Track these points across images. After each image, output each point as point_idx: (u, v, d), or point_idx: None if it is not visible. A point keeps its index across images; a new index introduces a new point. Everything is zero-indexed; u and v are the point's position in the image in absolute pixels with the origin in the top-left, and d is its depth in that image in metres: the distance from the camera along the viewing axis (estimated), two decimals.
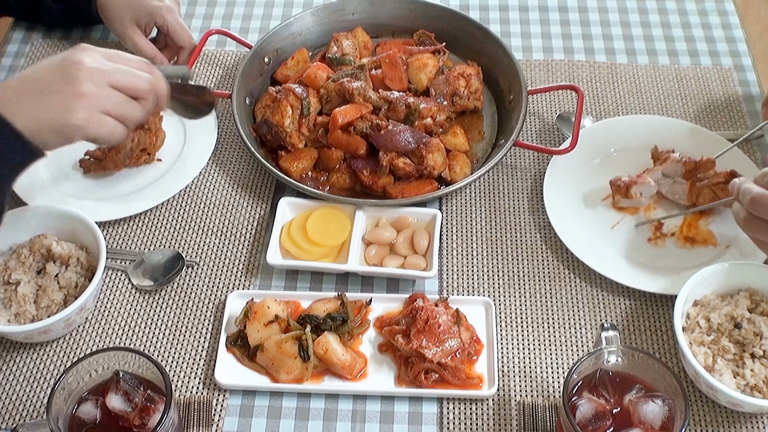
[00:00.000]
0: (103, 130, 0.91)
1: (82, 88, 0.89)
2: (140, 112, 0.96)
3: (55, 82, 0.89)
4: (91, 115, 0.89)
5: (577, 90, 1.26)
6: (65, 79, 0.89)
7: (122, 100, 0.93)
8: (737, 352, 0.98)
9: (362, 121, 1.20)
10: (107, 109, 0.91)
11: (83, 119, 0.89)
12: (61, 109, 0.88)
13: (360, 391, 1.02)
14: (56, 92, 0.88)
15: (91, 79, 0.90)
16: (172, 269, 1.14)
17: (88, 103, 0.89)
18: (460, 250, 1.17)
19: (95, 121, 0.90)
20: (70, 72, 0.89)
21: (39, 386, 1.03)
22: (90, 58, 0.91)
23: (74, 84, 0.89)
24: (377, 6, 1.42)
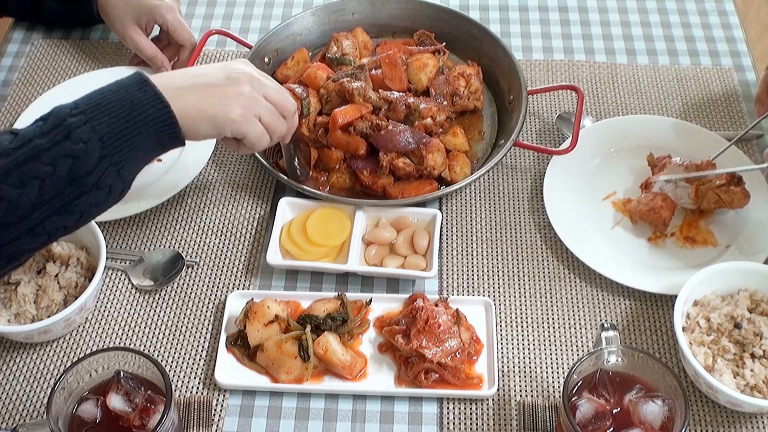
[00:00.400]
0: (254, 132, 0.97)
1: (243, 89, 0.95)
2: (284, 128, 1.02)
3: (218, 78, 0.94)
4: (247, 114, 0.95)
5: (577, 90, 1.26)
6: (228, 78, 0.94)
7: (273, 111, 0.99)
8: (737, 352, 0.98)
9: (362, 121, 1.20)
10: (260, 115, 0.97)
11: (239, 115, 0.94)
12: (221, 101, 0.93)
13: (360, 391, 1.02)
14: (218, 87, 0.93)
15: (250, 84, 0.96)
16: (172, 269, 1.14)
17: (246, 103, 0.95)
18: (460, 250, 1.17)
19: (249, 120, 0.95)
20: (233, 74, 0.95)
21: (39, 386, 1.03)
22: (251, 69, 0.98)
23: (236, 84, 0.94)
24: (377, 6, 1.43)
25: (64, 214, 0.83)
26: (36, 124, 0.82)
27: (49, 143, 0.80)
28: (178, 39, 1.35)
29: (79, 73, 1.41)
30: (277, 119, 0.99)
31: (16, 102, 1.37)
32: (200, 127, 0.91)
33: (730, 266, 1.05)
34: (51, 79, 1.41)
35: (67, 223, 0.84)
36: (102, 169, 0.82)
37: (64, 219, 0.83)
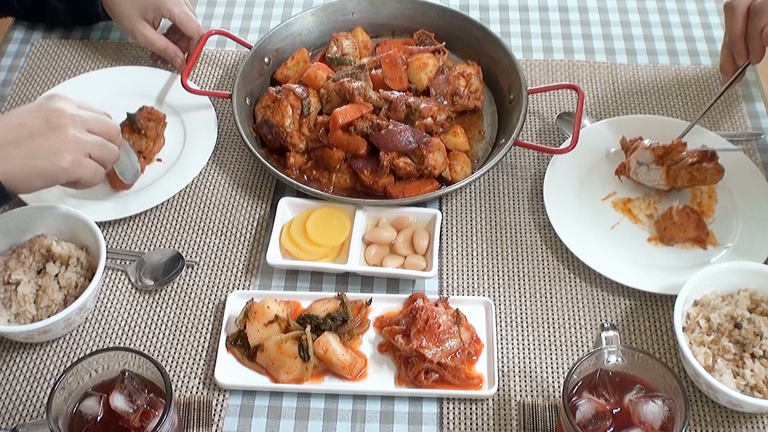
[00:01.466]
0: (87, 172, 0.99)
1: (68, 134, 0.95)
2: (115, 153, 1.04)
3: (39, 128, 0.95)
4: (78, 159, 0.96)
5: (577, 89, 1.26)
6: (49, 125, 0.95)
7: (101, 143, 1.00)
8: (737, 352, 0.98)
9: (363, 120, 1.20)
10: (90, 152, 0.98)
11: (70, 162, 0.95)
12: (48, 153, 0.94)
13: (360, 391, 1.02)
14: (42, 137, 0.94)
15: (73, 125, 0.96)
16: (172, 269, 1.14)
17: (74, 148, 0.96)
18: (460, 250, 1.17)
19: (81, 164, 0.97)
20: (52, 119, 0.95)
21: (39, 386, 1.03)
22: (68, 106, 0.98)
23: (59, 130, 0.95)
24: (377, 6, 1.42)
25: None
26: None
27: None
28: (185, 31, 1.35)
29: (79, 73, 1.41)
30: (106, 149, 1.02)
31: (16, 102, 1.37)
32: (33, 182, 0.94)
33: (730, 266, 1.05)
34: (51, 79, 1.41)
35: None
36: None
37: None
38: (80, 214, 1.08)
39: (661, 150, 1.16)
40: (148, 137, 1.22)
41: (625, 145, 1.21)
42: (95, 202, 1.19)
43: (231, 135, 1.32)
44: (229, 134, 1.32)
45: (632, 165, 1.18)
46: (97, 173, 1.01)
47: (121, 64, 1.43)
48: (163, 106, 1.31)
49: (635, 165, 1.18)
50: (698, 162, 1.15)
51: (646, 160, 1.17)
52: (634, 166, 1.18)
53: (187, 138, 1.29)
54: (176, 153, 1.27)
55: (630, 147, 1.20)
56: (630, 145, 1.21)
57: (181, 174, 1.24)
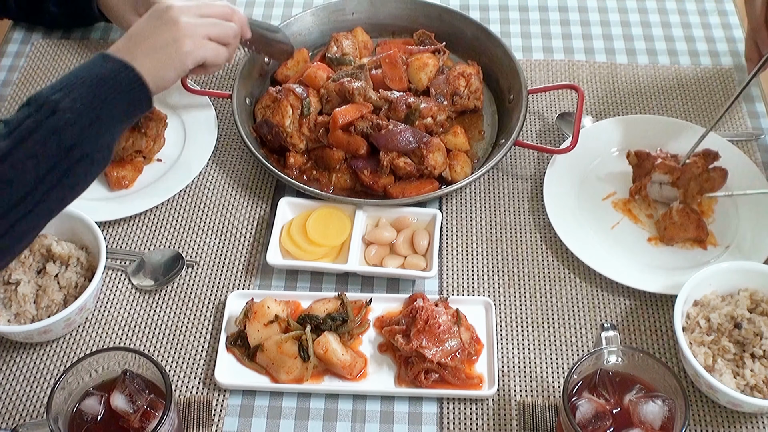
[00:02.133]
0: (210, 52, 1.04)
1: (181, 22, 1.01)
2: (235, 29, 1.09)
3: (155, 27, 1.00)
4: (196, 41, 1.02)
5: (577, 89, 1.26)
6: (164, 22, 1.01)
7: (215, 23, 1.06)
8: (737, 352, 0.98)
9: (363, 120, 1.20)
10: (207, 33, 1.03)
11: (191, 45, 1.01)
12: (170, 43, 0.99)
13: (360, 391, 1.02)
14: (159, 34, 1.00)
15: (184, 14, 1.02)
16: (172, 269, 1.14)
17: (190, 32, 1.01)
18: (460, 250, 1.17)
19: (201, 45, 1.02)
20: (164, 16, 1.01)
21: (39, 386, 1.03)
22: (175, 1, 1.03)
23: (171, 23, 1.01)
24: (377, 6, 1.42)
25: (60, 187, 0.88)
26: (22, 110, 0.88)
27: (36, 122, 0.85)
28: None
29: None
30: (222, 27, 1.06)
31: (16, 102, 1.37)
32: (166, 73, 0.98)
33: (730, 266, 1.05)
34: (51, 79, 1.41)
35: (64, 195, 0.89)
36: (87, 137, 0.88)
37: (61, 192, 0.88)
38: (80, 214, 1.08)
39: (678, 173, 1.15)
40: (148, 136, 1.22)
41: (632, 160, 1.20)
42: (95, 202, 1.19)
43: (231, 135, 1.32)
44: (229, 134, 1.32)
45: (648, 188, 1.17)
46: (220, 51, 1.05)
47: None
48: (163, 106, 1.31)
49: (648, 185, 1.17)
50: (704, 172, 1.14)
51: (659, 179, 1.17)
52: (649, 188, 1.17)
53: (187, 138, 1.29)
54: (176, 153, 1.27)
55: (637, 162, 1.19)
56: (637, 159, 1.19)
57: (181, 174, 1.24)
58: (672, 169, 1.15)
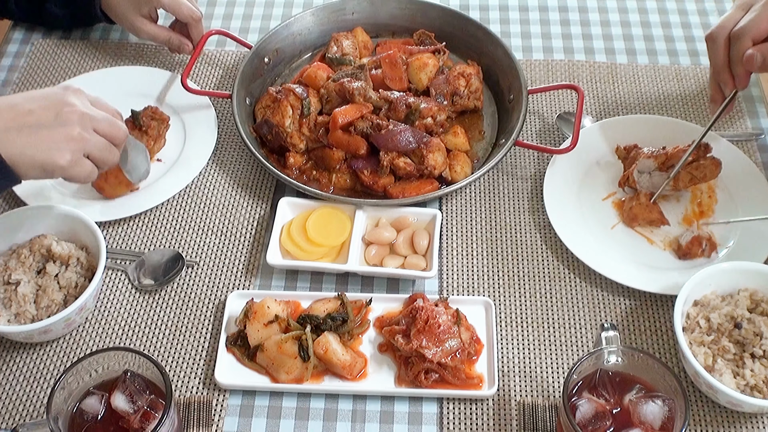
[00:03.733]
0: (83, 172, 0.99)
1: (74, 132, 0.95)
2: (115, 157, 1.04)
3: (48, 119, 0.95)
4: (76, 158, 0.96)
5: (577, 89, 1.26)
6: (58, 119, 0.95)
7: (104, 146, 1.00)
8: (737, 352, 0.98)
9: (363, 120, 1.20)
10: (90, 153, 0.98)
11: (68, 161, 0.95)
12: (49, 148, 0.94)
13: (360, 391, 1.02)
14: (48, 129, 0.94)
15: (81, 123, 0.96)
16: (172, 269, 1.14)
17: (76, 147, 0.96)
18: (460, 250, 1.17)
19: (78, 163, 0.97)
20: (62, 113, 0.95)
21: (39, 386, 1.03)
22: (80, 103, 0.98)
23: (65, 125, 0.95)
24: (377, 6, 1.43)
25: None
26: None
27: None
28: (178, 17, 1.35)
29: (79, 73, 1.41)
30: (107, 152, 1.01)
31: None
32: (28, 171, 0.94)
33: (730, 266, 1.05)
34: (51, 79, 1.41)
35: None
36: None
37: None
38: (80, 214, 1.08)
39: (663, 157, 1.16)
40: (149, 136, 1.22)
41: (621, 153, 1.21)
42: (95, 202, 1.19)
43: (231, 135, 1.32)
44: (229, 134, 1.32)
45: (635, 176, 1.18)
46: (92, 174, 1.01)
47: (121, 64, 1.43)
48: (164, 106, 1.31)
49: (637, 175, 1.18)
50: (695, 160, 1.15)
51: (647, 168, 1.17)
52: (636, 176, 1.18)
53: (187, 138, 1.29)
54: (176, 153, 1.27)
55: (625, 155, 1.20)
56: (625, 153, 1.20)
57: (181, 174, 1.24)
58: (656, 154, 1.16)
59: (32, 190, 1.19)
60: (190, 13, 1.34)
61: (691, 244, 1.12)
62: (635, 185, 1.19)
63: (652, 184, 1.18)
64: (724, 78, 1.15)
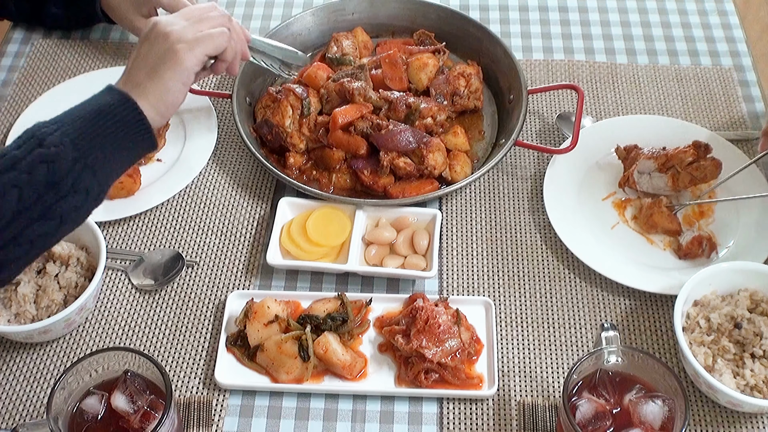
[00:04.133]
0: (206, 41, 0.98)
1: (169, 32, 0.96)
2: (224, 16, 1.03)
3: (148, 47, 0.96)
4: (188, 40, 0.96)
5: (577, 89, 1.26)
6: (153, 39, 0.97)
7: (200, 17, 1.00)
8: (737, 352, 0.98)
9: (363, 121, 1.20)
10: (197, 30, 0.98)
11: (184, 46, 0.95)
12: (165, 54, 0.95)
13: (360, 391, 1.02)
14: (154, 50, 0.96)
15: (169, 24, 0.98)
16: (172, 269, 1.14)
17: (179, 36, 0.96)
18: (460, 250, 1.17)
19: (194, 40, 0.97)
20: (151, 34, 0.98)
21: (39, 386, 1.03)
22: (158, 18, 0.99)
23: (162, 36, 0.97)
24: (377, 6, 1.43)
25: (45, 220, 0.83)
26: (13, 141, 0.85)
27: (24, 152, 0.82)
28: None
29: (79, 73, 1.41)
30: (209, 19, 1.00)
31: (16, 102, 1.37)
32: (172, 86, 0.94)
33: (730, 266, 1.05)
34: (51, 79, 1.41)
35: (48, 229, 0.85)
36: (77, 172, 0.84)
37: (45, 225, 0.84)
38: None
39: (664, 158, 1.16)
40: None
41: (621, 153, 1.21)
42: None
43: (231, 135, 1.32)
44: (229, 134, 1.32)
45: (635, 177, 1.18)
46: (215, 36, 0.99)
47: (121, 64, 1.43)
48: None
49: (637, 176, 1.18)
50: (695, 161, 1.15)
51: (647, 168, 1.17)
52: (636, 177, 1.18)
53: (187, 138, 1.29)
54: (176, 153, 1.27)
55: (626, 156, 1.20)
56: (625, 153, 1.20)
57: (181, 174, 1.24)
58: (657, 155, 1.15)
59: None
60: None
61: (692, 244, 1.12)
62: (635, 186, 1.19)
63: (652, 186, 1.18)
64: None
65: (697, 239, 1.12)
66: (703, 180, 1.16)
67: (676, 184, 1.16)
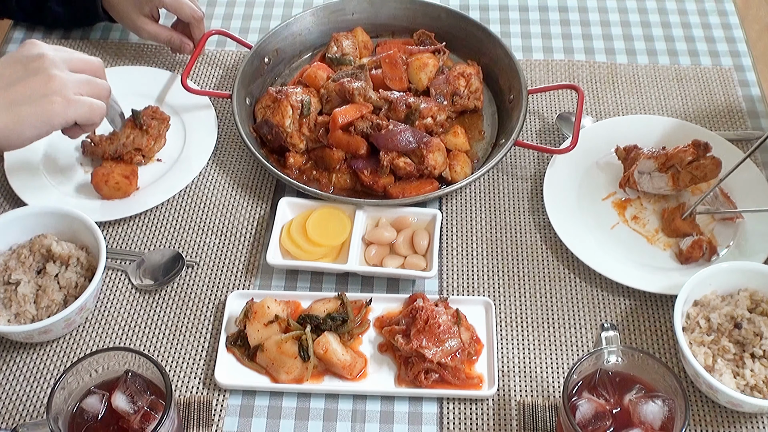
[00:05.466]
0: (83, 109, 0.92)
1: (50, 74, 0.89)
2: (106, 88, 0.97)
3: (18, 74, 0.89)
4: (68, 97, 0.90)
5: (577, 89, 1.26)
6: (29, 70, 0.90)
7: (88, 80, 0.94)
8: (737, 352, 0.98)
9: (363, 120, 1.20)
10: (79, 91, 0.92)
11: (61, 103, 0.89)
12: (35, 98, 0.88)
13: (360, 391, 1.02)
14: (23, 83, 0.88)
15: (54, 66, 0.91)
16: (172, 269, 1.14)
17: (60, 87, 0.90)
18: (460, 250, 1.17)
19: (72, 101, 0.91)
20: (32, 65, 0.90)
21: (39, 386, 1.03)
22: (44, 49, 0.92)
23: (40, 73, 0.89)
24: (377, 6, 1.43)
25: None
26: None
27: None
28: (180, 17, 1.35)
29: None
30: (95, 85, 0.95)
31: None
32: (24, 132, 0.88)
33: (730, 266, 1.05)
34: None
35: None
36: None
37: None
38: (80, 214, 1.08)
39: (664, 158, 1.16)
40: (150, 135, 1.22)
41: (621, 154, 1.21)
42: (95, 202, 1.19)
43: (231, 135, 1.32)
44: (229, 134, 1.32)
45: (636, 177, 1.18)
46: (94, 108, 0.94)
47: (121, 64, 1.43)
48: (164, 106, 1.31)
49: (638, 176, 1.18)
50: (695, 160, 1.15)
51: (647, 168, 1.17)
52: (637, 177, 1.18)
53: (187, 138, 1.29)
54: (176, 153, 1.27)
55: (626, 156, 1.20)
56: (625, 153, 1.20)
57: (181, 174, 1.24)
58: (657, 155, 1.16)
59: (32, 190, 1.19)
60: (192, 13, 1.34)
61: (692, 248, 1.12)
62: (636, 186, 1.19)
63: (653, 186, 1.18)
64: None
65: (697, 243, 1.12)
66: (703, 179, 1.16)
67: (676, 184, 1.16)
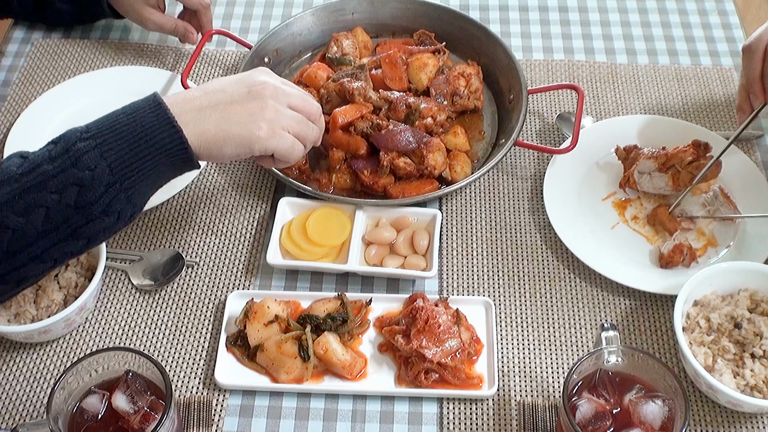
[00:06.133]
0: (284, 144, 0.94)
1: (267, 104, 0.92)
2: (315, 133, 1.00)
3: (239, 95, 0.92)
4: (273, 129, 0.92)
5: (577, 89, 1.26)
6: (250, 93, 0.92)
7: (301, 120, 0.96)
8: (737, 352, 0.98)
9: (363, 120, 1.20)
10: (287, 127, 0.94)
11: (265, 132, 0.91)
12: (246, 120, 0.90)
13: (360, 391, 1.02)
14: (240, 104, 0.91)
15: (273, 97, 0.93)
16: (172, 269, 1.14)
17: (271, 117, 0.92)
18: (460, 250, 1.17)
19: (276, 135, 0.93)
20: (254, 89, 0.93)
21: (39, 386, 1.03)
22: (272, 79, 0.95)
23: (258, 99, 0.92)
24: (377, 6, 1.43)
25: (71, 240, 0.82)
26: (47, 147, 0.82)
27: (57, 170, 0.79)
28: (188, 5, 1.35)
29: (79, 73, 1.41)
30: (305, 126, 0.97)
31: (16, 102, 1.37)
32: (225, 148, 0.90)
33: (730, 266, 1.05)
34: (51, 79, 1.41)
35: (74, 249, 0.83)
36: (110, 196, 0.81)
37: (71, 245, 0.82)
38: None
39: (664, 158, 1.16)
40: None
41: (621, 154, 1.21)
42: None
43: None
44: None
45: (636, 177, 1.18)
46: (295, 148, 0.96)
47: (121, 64, 1.43)
48: None
49: (638, 176, 1.18)
50: (695, 160, 1.15)
51: (647, 168, 1.17)
52: (637, 177, 1.18)
53: None
54: None
55: (626, 156, 1.20)
56: (625, 153, 1.20)
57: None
58: (657, 155, 1.16)
59: None
60: (199, 0, 1.34)
61: (673, 252, 1.12)
62: (636, 186, 1.19)
63: (653, 186, 1.18)
64: (755, 90, 1.14)
65: (678, 247, 1.12)
66: (703, 179, 1.16)
67: (676, 184, 1.16)
